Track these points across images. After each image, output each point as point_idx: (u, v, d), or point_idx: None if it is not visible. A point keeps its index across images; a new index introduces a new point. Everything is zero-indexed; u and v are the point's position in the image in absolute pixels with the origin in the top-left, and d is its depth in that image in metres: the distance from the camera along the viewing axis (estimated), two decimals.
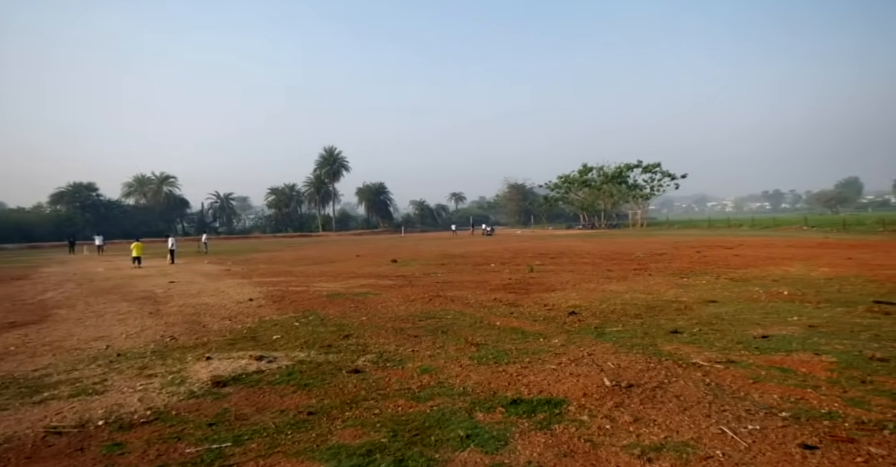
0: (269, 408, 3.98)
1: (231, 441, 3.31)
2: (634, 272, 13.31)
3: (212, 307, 9.52)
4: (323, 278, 14.44)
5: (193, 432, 3.51)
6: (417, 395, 4.18)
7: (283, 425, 3.58)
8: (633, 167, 64.43)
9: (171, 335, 7.03)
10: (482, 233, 55.26)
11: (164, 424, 3.69)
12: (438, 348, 5.83)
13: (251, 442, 3.29)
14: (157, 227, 66.85)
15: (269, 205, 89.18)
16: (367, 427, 3.50)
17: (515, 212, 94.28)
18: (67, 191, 67.32)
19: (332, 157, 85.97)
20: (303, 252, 31.02)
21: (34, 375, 5.14)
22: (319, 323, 7.67)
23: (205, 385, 4.65)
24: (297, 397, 4.24)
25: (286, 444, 3.25)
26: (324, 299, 10.16)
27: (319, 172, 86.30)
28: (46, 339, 6.93)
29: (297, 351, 5.91)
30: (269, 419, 3.72)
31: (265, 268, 19.12)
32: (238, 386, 4.61)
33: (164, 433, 3.51)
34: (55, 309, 9.80)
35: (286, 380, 4.72)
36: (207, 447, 3.23)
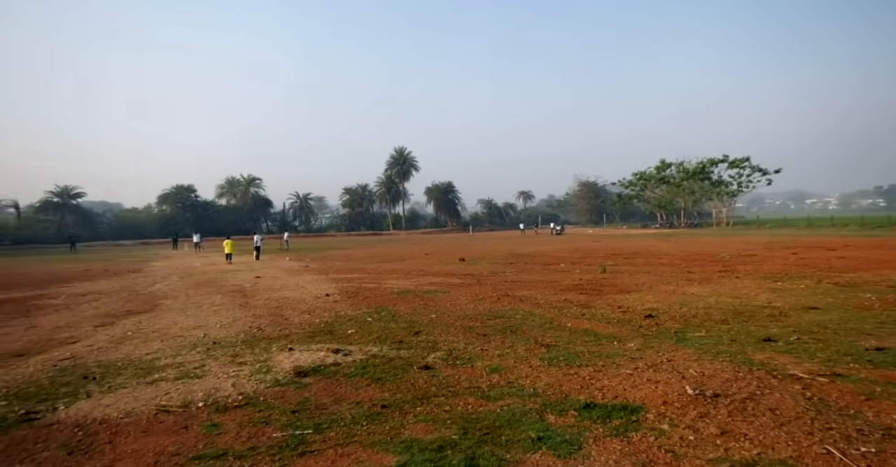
0: (345, 400, 4.17)
1: (312, 428, 3.52)
2: (719, 274, 12.36)
3: (293, 301, 10.14)
4: (393, 276, 14.86)
5: (279, 418, 3.76)
6: (487, 394, 4.18)
7: (358, 416, 3.74)
8: (717, 162, 59.61)
9: (257, 326, 7.58)
10: (551, 233, 54.04)
11: (253, 409, 3.99)
12: (507, 348, 5.79)
13: (330, 431, 3.47)
14: (245, 226, 72.36)
15: (343, 204, 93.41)
16: (438, 423, 3.56)
17: (586, 211, 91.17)
18: (171, 193, 74.88)
19: (402, 158, 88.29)
20: (374, 250, 32.12)
21: (146, 358, 5.78)
22: (391, 319, 7.90)
23: (288, 374, 4.97)
24: (371, 390, 4.41)
25: (362, 435, 3.39)
26: (394, 296, 10.46)
27: (390, 172, 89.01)
28: (155, 327, 7.76)
29: (370, 345, 6.13)
30: (345, 410, 3.90)
31: (340, 265, 20.03)
32: (317, 376, 4.87)
33: (253, 417, 3.80)
34: (162, 299, 10.94)
35: (361, 374, 4.92)
36: (291, 433, 3.45)
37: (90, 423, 3.78)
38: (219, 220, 73.74)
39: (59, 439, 3.50)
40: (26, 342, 6.90)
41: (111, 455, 3.22)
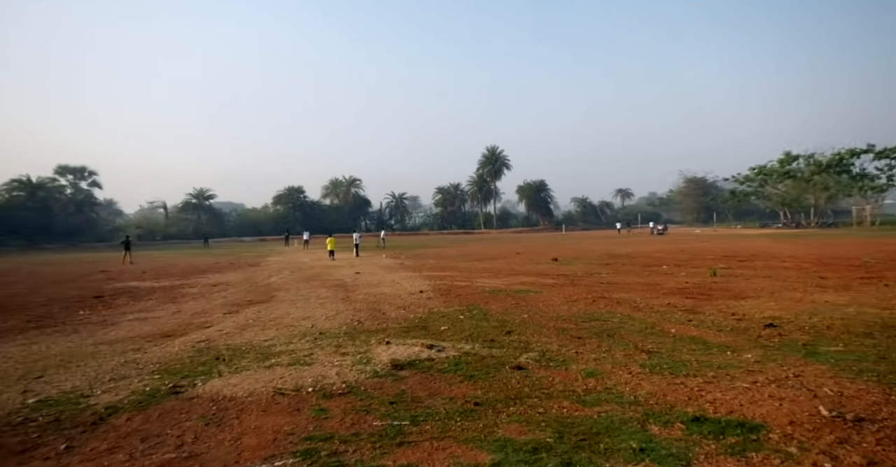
0: (439, 395, 4.28)
1: (409, 420, 3.67)
2: (861, 281, 10.68)
3: (389, 296, 10.63)
4: (485, 274, 14.93)
5: (378, 408, 3.98)
6: (583, 399, 4.04)
7: (452, 412, 3.82)
8: (859, 152, 51.13)
9: (358, 319, 8.06)
10: (651, 232, 50.58)
11: (355, 397, 4.26)
12: (604, 352, 5.54)
13: (426, 424, 3.59)
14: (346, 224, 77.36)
15: (436, 203, 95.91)
16: (532, 424, 3.52)
17: (693, 210, 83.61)
18: (284, 194, 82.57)
19: (493, 157, 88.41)
20: (466, 248, 32.52)
21: (264, 344, 6.44)
22: (482, 317, 7.95)
23: (385, 366, 5.22)
24: (464, 387, 4.48)
25: (456, 431, 3.46)
26: (486, 295, 10.50)
27: (482, 171, 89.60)
28: (272, 316, 8.60)
29: (462, 343, 6.23)
30: (440, 404, 4.01)
31: (433, 262, 20.58)
32: (413, 370, 5.06)
33: (356, 405, 4.05)
34: (276, 291, 12.09)
35: (454, 370, 5.02)
36: (390, 423, 3.63)
37: (221, 399, 4.30)
38: (324, 219, 79.79)
39: (198, 411, 4.03)
40: (173, 325, 8.03)
41: (238, 429, 3.63)
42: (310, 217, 79.48)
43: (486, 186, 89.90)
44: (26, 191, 60.52)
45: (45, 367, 5.51)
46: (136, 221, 77.72)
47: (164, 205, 78.76)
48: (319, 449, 3.20)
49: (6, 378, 5.14)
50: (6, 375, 5.24)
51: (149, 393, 4.49)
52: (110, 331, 7.61)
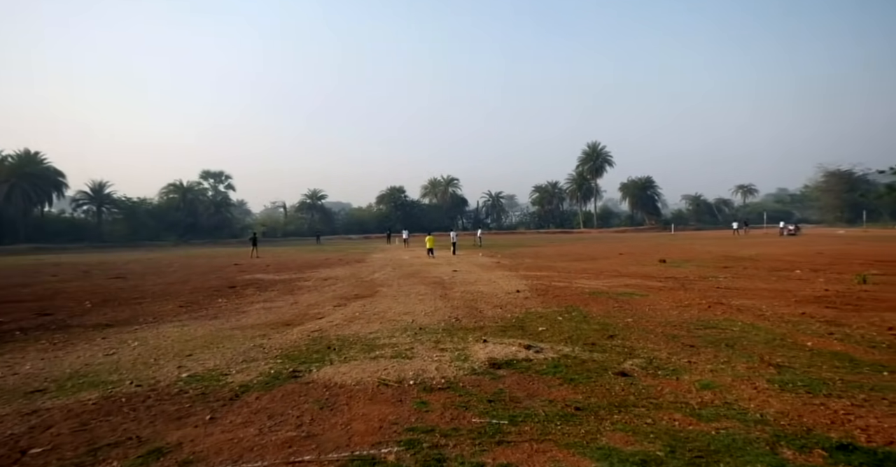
0: (538, 396, 4.22)
1: (507, 420, 3.66)
2: None
3: (486, 295, 10.69)
4: (584, 275, 14.37)
5: (477, 405, 4.03)
6: (697, 412, 3.72)
7: (552, 415, 3.74)
8: None
9: (455, 317, 8.22)
10: (781, 233, 44.72)
11: (454, 393, 4.36)
12: (723, 363, 5.04)
13: (525, 425, 3.56)
14: (443, 223, 79.33)
15: (533, 202, 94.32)
16: (640, 435, 3.32)
17: (835, 207, 71.36)
18: (386, 194, 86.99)
19: (594, 153, 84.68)
20: (564, 248, 31.57)
21: (370, 337, 6.85)
22: (582, 319, 7.67)
23: (483, 364, 5.27)
24: (563, 390, 4.36)
25: (556, 434, 3.39)
26: (586, 296, 10.10)
27: (582, 169, 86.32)
28: (376, 310, 9.12)
29: (561, 345, 6.07)
30: (538, 406, 3.95)
31: (530, 262, 20.28)
32: (510, 370, 5.04)
33: (455, 400, 4.15)
34: (380, 287, 12.79)
35: (552, 372, 4.91)
36: (489, 421, 3.65)
37: (333, 386, 4.67)
38: (423, 218, 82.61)
39: (313, 395, 4.41)
40: (291, 314, 8.88)
41: (348, 414, 3.91)
42: (410, 216, 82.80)
43: (586, 184, 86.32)
44: (179, 194, 70.80)
45: (194, 347, 6.42)
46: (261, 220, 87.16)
47: (283, 205, 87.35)
48: (421, 441, 3.33)
49: (167, 354, 6.08)
50: (167, 352, 6.20)
51: (273, 376, 5.02)
52: (242, 318, 8.63)
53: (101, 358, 5.98)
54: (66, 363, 5.76)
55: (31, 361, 5.88)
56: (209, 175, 74.57)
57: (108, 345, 6.65)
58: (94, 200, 65.41)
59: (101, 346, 6.61)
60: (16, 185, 54.91)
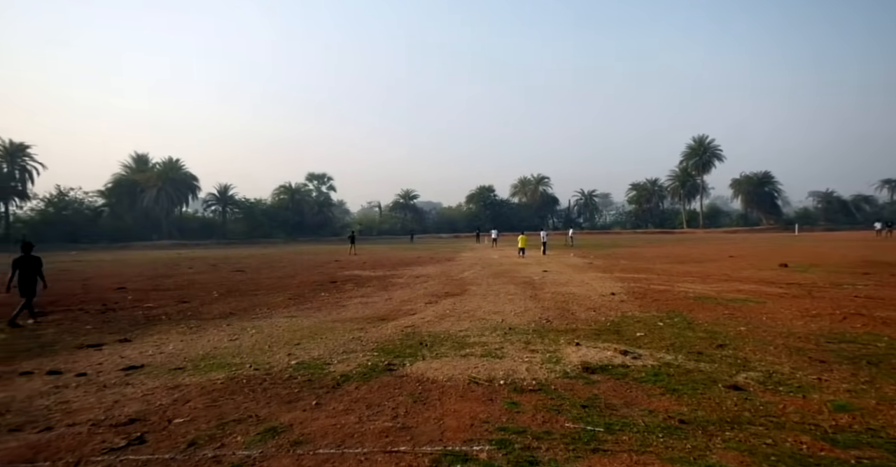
0: (636, 405, 3.99)
1: (603, 427, 3.52)
2: None
3: (578, 297, 10.33)
4: (688, 278, 13.29)
5: (570, 409, 3.92)
6: (832, 437, 3.27)
7: (652, 426, 3.52)
8: None
9: (546, 318, 8.06)
10: None
11: (546, 395, 4.28)
12: (863, 383, 4.37)
13: (622, 434, 3.39)
14: (533, 222, 77.97)
15: (629, 200, 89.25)
16: (758, 456, 3.00)
17: None
18: (476, 193, 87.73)
19: (701, 148, 77.81)
20: (664, 249, 29.48)
21: (460, 334, 6.96)
22: (686, 326, 7.11)
23: (576, 368, 5.11)
24: (665, 400, 4.08)
25: (658, 447, 3.19)
26: (690, 301, 9.35)
27: (686, 164, 79.87)
28: (466, 308, 9.24)
29: (662, 352, 5.68)
30: (637, 415, 3.74)
31: (625, 263, 19.22)
32: (605, 375, 4.83)
33: (546, 403, 4.07)
34: (469, 285, 12.94)
35: (652, 380, 4.62)
36: (583, 427, 3.54)
37: (425, 381, 4.82)
38: (512, 217, 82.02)
39: (407, 388, 4.60)
40: (386, 310, 9.32)
41: (440, 409, 4.02)
42: (499, 215, 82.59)
43: (691, 181, 79.58)
44: (288, 195, 77.60)
45: (301, 337, 7.00)
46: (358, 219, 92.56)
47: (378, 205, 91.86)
48: (513, 441, 3.32)
49: (278, 342, 6.71)
50: (278, 340, 6.85)
51: (370, 367, 5.31)
52: (342, 312, 9.23)
53: (226, 342, 6.76)
54: (199, 345, 6.60)
55: (173, 342, 6.82)
56: (313, 177, 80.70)
57: (231, 332, 7.50)
58: (220, 201, 73.97)
59: (226, 332, 7.48)
60: (162, 189, 63.88)
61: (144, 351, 6.32)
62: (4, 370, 5.47)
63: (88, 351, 6.37)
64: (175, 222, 67.70)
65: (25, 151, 60.13)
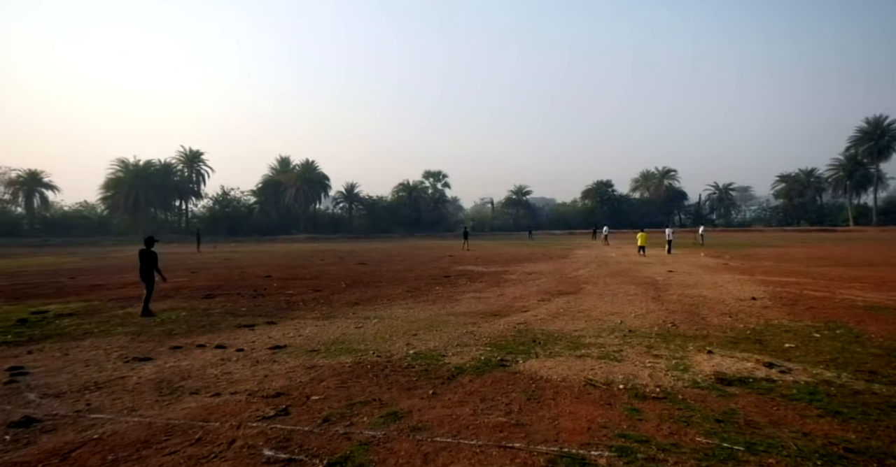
0: (786, 425, 3.50)
1: (743, 446, 3.15)
2: None
3: (710, 300, 9.34)
4: (855, 284, 11.23)
5: (701, 423, 3.57)
6: None
7: (808, 451, 3.06)
8: None
9: (671, 321, 7.42)
10: None
11: (672, 405, 3.95)
12: None
13: (768, 457, 3.00)
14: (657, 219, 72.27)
15: (776, 194, 77.88)
16: None
17: None
18: (592, 188, 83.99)
19: (878, 130, 64.49)
20: (822, 249, 25.31)
21: (574, 334, 6.73)
22: (853, 340, 6.03)
23: (708, 378, 4.63)
24: (824, 424, 3.52)
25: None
26: (859, 311, 7.91)
27: (854, 151, 66.95)
28: (580, 307, 8.90)
29: (819, 368, 4.90)
30: (787, 437, 3.27)
31: (770, 265, 16.88)
32: (744, 388, 4.31)
33: (673, 414, 3.76)
34: (584, 284, 12.43)
35: (807, 399, 4.01)
36: (718, 443, 3.20)
37: (539, 379, 4.76)
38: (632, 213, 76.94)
39: (520, 385, 4.58)
40: (498, 306, 9.37)
41: (555, 410, 3.94)
42: (618, 211, 77.97)
43: (862, 170, 66.45)
44: (406, 192, 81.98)
45: (418, 328, 7.36)
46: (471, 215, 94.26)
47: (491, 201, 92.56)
48: (635, 450, 3.12)
49: (397, 332, 7.14)
50: (397, 330, 7.28)
51: (483, 362, 5.39)
52: (455, 305, 9.49)
53: (352, 329, 7.38)
54: (330, 331, 7.29)
55: (309, 327, 7.64)
56: (430, 175, 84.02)
57: (356, 320, 8.16)
58: (347, 199, 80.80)
59: (352, 320, 8.15)
60: (300, 188, 71.70)
61: (287, 333, 7.17)
62: (187, 342, 6.61)
63: (244, 330, 7.41)
64: (310, 218, 75.41)
65: (200, 157, 71.90)
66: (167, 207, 70.11)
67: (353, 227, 76.96)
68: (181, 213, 72.25)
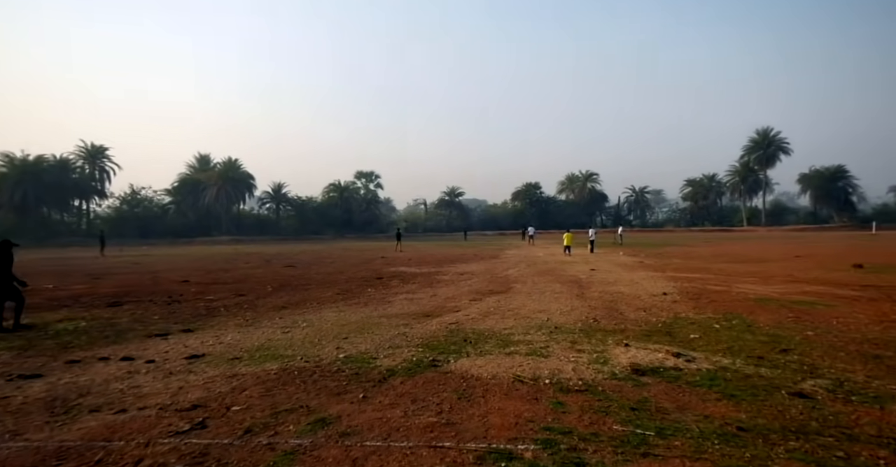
0: (690, 409, 3.83)
1: (654, 431, 3.40)
2: None
3: (627, 296, 10.01)
4: (749, 279, 12.56)
5: (618, 411, 3.81)
6: None
7: (707, 432, 3.37)
8: None
9: (593, 317, 7.86)
10: None
11: (593, 396, 4.18)
12: None
13: (675, 440, 3.26)
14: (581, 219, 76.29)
15: (684, 197, 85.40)
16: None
17: None
18: (522, 190, 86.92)
19: (765, 141, 73.19)
20: (722, 248, 28.03)
21: (504, 332, 6.92)
22: (745, 329, 6.73)
23: (625, 369, 4.95)
24: (721, 406, 3.89)
25: (714, 454, 3.04)
26: (751, 303, 8.84)
27: (747, 159, 75.40)
28: (510, 306, 9.17)
29: (718, 355, 5.41)
30: (691, 420, 3.58)
31: (679, 262, 18.43)
32: (656, 378, 4.66)
33: (593, 404, 3.98)
34: (514, 283, 12.83)
35: (708, 385, 4.41)
36: (632, 430, 3.43)
37: (470, 378, 4.83)
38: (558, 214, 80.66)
39: (451, 385, 4.63)
40: (431, 306, 9.41)
41: (485, 407, 4.02)
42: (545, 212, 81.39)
43: (753, 176, 74.94)
44: (337, 193, 79.94)
45: (349, 331, 7.20)
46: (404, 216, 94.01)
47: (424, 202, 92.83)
48: (559, 442, 3.27)
49: (327, 336, 6.93)
50: (327, 333, 7.07)
51: (415, 363, 5.38)
52: (387, 307, 9.41)
53: (279, 334, 7.06)
54: (255, 337, 6.93)
55: (231, 333, 7.21)
56: (362, 175, 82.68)
57: (284, 324, 7.82)
58: (274, 199, 77.30)
59: (279, 325, 7.81)
60: (221, 188, 67.49)
61: (206, 340, 6.71)
62: (86, 355, 5.97)
63: (156, 339, 6.84)
64: (233, 219, 71.30)
65: (104, 153, 65.38)
66: (64, 207, 63.13)
67: (281, 229, 73.85)
68: (81, 214, 65.36)
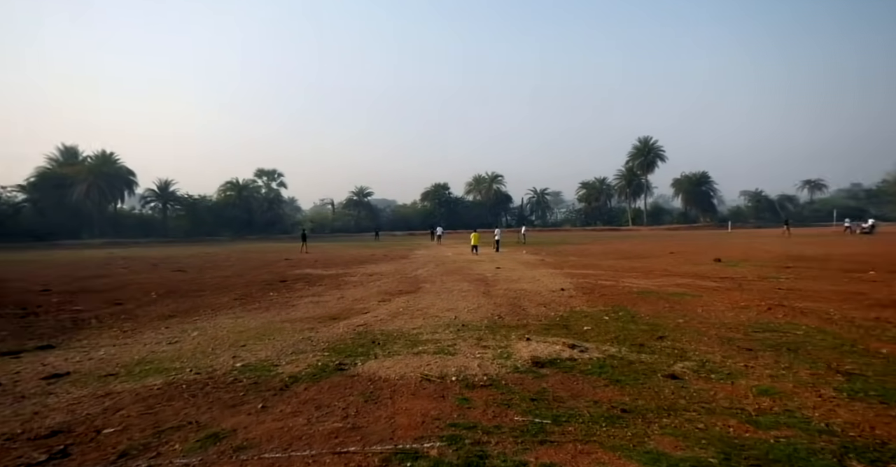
0: (582, 396, 4.13)
1: (551, 419, 3.62)
2: None
3: (529, 293, 10.57)
4: (632, 274, 13.91)
5: (519, 403, 4.00)
6: (755, 419, 3.53)
7: (597, 416, 3.66)
8: None
9: (498, 314, 8.18)
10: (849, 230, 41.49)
11: (496, 390, 4.35)
12: (783, 369, 4.74)
13: (569, 425, 3.50)
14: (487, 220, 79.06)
15: (579, 199, 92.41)
16: (691, 440, 3.19)
17: None
18: (431, 191, 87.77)
19: (646, 148, 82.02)
20: (611, 246, 30.72)
21: (413, 332, 6.93)
22: (630, 319, 7.44)
23: (526, 363, 5.22)
24: (609, 391, 4.25)
25: (601, 436, 3.31)
26: (634, 296, 9.79)
27: (632, 164, 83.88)
28: (419, 306, 9.22)
29: (607, 345, 5.91)
30: (583, 407, 3.87)
31: (575, 260, 19.86)
32: (554, 369, 4.97)
33: (497, 398, 4.14)
34: (423, 283, 12.92)
35: (598, 372, 4.80)
36: (531, 419, 3.62)
37: (377, 379, 4.77)
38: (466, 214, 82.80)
39: (358, 388, 4.53)
40: (338, 309, 9.14)
41: (392, 408, 3.99)
42: (454, 213, 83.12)
43: (636, 180, 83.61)
44: (235, 191, 74.44)
45: (247, 339, 6.74)
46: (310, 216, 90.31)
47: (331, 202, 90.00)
48: (463, 437, 3.34)
49: (223, 344, 6.42)
50: (222, 342, 6.55)
51: (320, 368, 5.18)
52: (292, 312, 8.97)
53: (164, 346, 6.40)
54: (135, 350, 6.20)
55: (104, 347, 6.38)
56: (263, 173, 77.94)
57: (171, 334, 7.10)
58: (160, 198, 69.95)
59: (165, 335, 7.08)
60: (93, 184, 59.56)
61: (71, 357, 5.87)
62: None
63: (4, 359, 5.84)
64: (109, 219, 63.39)
65: None
66: None
67: (169, 230, 67.14)
68: None
